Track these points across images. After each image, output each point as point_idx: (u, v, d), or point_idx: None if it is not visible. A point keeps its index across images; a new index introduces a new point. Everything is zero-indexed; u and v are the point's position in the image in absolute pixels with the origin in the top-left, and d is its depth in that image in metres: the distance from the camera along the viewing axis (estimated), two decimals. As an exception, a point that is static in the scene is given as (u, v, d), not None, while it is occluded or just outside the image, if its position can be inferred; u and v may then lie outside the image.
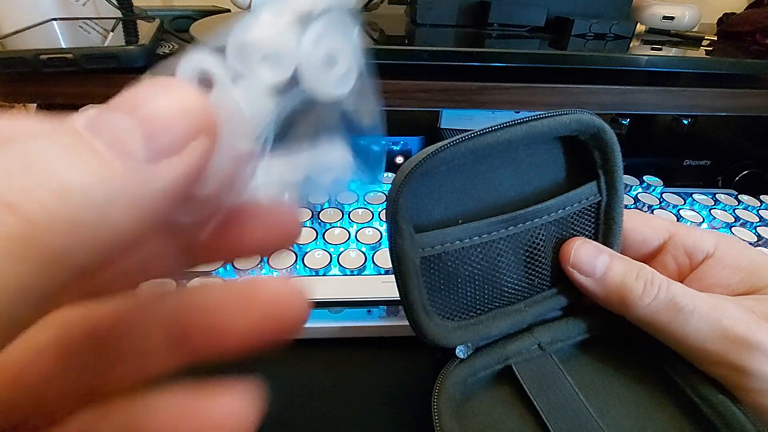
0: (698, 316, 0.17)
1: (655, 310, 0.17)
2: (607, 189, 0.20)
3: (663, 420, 0.18)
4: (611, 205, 0.20)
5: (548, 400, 0.18)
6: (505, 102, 0.34)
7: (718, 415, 0.16)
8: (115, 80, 0.31)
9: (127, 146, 0.08)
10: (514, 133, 0.17)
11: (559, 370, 0.19)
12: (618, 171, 0.20)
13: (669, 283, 0.18)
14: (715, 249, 0.19)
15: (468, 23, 0.43)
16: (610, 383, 0.19)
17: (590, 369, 0.20)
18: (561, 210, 0.20)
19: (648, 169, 0.48)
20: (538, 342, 0.20)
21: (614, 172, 0.20)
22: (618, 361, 0.20)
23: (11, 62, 0.28)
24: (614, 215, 0.20)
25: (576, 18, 0.40)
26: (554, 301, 0.20)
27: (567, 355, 0.20)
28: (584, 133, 0.19)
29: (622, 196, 0.20)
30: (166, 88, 0.08)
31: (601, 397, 0.18)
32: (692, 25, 0.50)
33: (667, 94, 0.35)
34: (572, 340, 0.20)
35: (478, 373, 0.19)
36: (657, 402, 0.18)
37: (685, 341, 0.17)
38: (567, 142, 0.20)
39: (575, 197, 0.20)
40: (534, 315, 0.20)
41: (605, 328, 0.20)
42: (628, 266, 0.19)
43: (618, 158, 0.20)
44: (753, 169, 0.51)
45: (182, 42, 0.38)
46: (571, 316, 0.21)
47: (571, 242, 0.20)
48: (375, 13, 0.50)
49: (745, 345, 0.16)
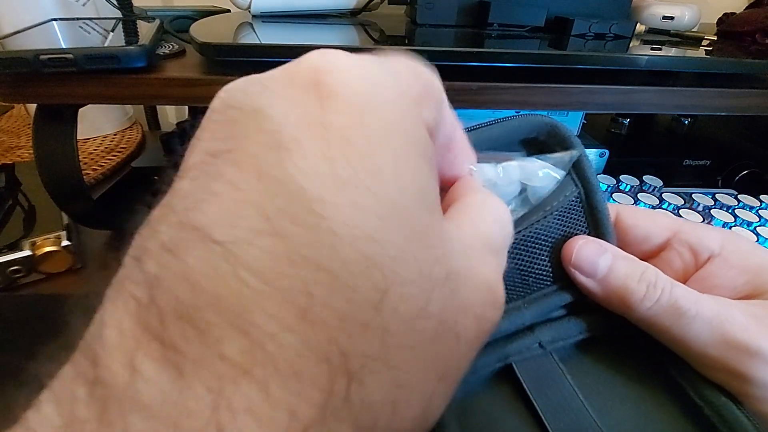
0: (700, 321, 0.16)
1: (657, 313, 0.17)
2: (580, 180, 0.20)
3: (664, 421, 0.17)
4: (589, 195, 0.20)
5: (547, 400, 0.18)
6: (505, 102, 0.34)
7: (721, 418, 0.16)
8: (115, 80, 0.31)
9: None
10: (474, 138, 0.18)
11: (559, 370, 0.19)
12: (583, 160, 0.20)
13: (672, 286, 0.17)
14: (721, 248, 0.19)
15: (468, 23, 0.43)
16: (611, 383, 0.19)
17: (591, 369, 0.19)
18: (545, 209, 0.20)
19: (648, 169, 0.49)
20: (539, 341, 0.20)
21: (580, 161, 0.20)
22: (619, 362, 0.20)
23: (11, 62, 0.28)
24: (595, 204, 0.20)
25: (576, 18, 0.40)
26: (555, 299, 0.20)
27: (568, 354, 0.20)
28: (540, 132, 0.20)
29: (597, 184, 0.20)
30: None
31: (601, 397, 0.18)
32: (692, 25, 0.50)
33: (667, 94, 0.35)
34: (573, 339, 0.20)
35: (478, 372, 0.19)
36: (658, 403, 0.18)
37: (686, 345, 0.17)
38: (530, 145, 0.21)
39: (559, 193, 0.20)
40: (534, 313, 0.20)
41: (607, 328, 0.20)
42: (632, 268, 0.18)
43: (580, 148, 0.20)
44: (753, 169, 0.51)
45: (182, 42, 0.38)
46: (572, 315, 0.21)
47: (573, 242, 0.19)
48: (375, 13, 0.50)
49: (747, 351, 0.16)
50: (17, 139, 0.58)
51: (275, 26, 0.41)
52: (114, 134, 0.59)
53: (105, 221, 0.42)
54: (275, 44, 0.32)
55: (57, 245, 0.37)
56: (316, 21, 0.44)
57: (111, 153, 0.54)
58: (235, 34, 0.37)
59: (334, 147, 0.09)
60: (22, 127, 0.61)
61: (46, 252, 0.36)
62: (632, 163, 0.50)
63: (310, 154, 0.09)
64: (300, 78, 0.10)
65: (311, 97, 0.10)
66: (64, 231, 0.38)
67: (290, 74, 0.11)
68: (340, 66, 0.10)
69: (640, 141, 0.58)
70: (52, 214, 0.40)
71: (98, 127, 0.58)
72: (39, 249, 0.36)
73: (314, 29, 0.42)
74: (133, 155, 0.55)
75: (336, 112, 0.10)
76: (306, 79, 0.10)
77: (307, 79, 0.10)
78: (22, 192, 0.44)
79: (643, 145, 0.57)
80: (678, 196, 0.44)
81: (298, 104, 0.10)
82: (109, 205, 0.45)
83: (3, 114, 0.64)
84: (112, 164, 0.52)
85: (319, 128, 0.09)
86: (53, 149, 0.34)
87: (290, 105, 0.10)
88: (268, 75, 0.11)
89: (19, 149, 0.55)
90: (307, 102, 0.10)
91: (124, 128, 0.61)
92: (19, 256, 0.35)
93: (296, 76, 0.10)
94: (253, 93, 0.10)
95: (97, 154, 0.54)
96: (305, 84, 0.10)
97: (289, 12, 0.44)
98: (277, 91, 0.10)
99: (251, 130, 0.09)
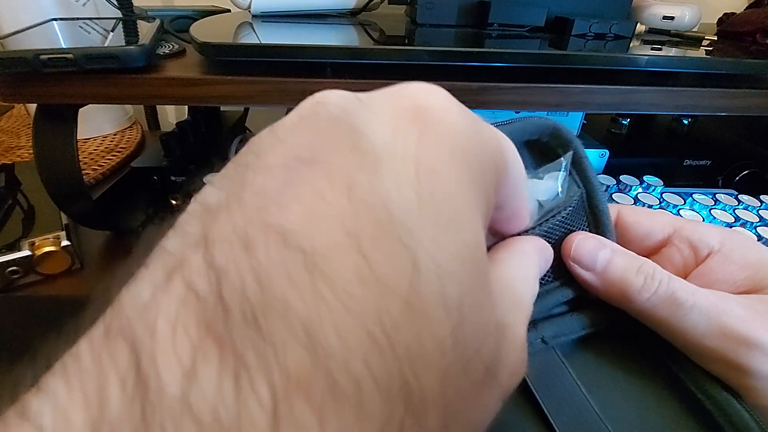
0: (698, 312, 0.16)
1: (655, 304, 0.17)
2: (582, 181, 0.21)
3: (666, 416, 0.17)
4: (591, 195, 0.21)
5: (550, 394, 0.18)
6: (505, 102, 0.34)
7: (722, 411, 0.16)
8: (115, 80, 0.31)
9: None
10: None
11: (561, 364, 0.19)
12: (585, 161, 0.21)
13: (670, 279, 0.18)
14: (721, 245, 0.19)
15: (468, 23, 0.43)
16: (613, 378, 0.19)
17: (593, 363, 0.20)
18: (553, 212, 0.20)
19: (648, 169, 0.49)
20: (541, 336, 0.20)
21: (581, 162, 0.20)
22: (621, 357, 0.20)
23: (11, 62, 0.28)
24: (596, 203, 0.21)
25: (576, 18, 0.40)
26: (557, 295, 0.21)
27: (570, 349, 0.20)
28: (543, 134, 0.20)
29: (598, 184, 0.21)
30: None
31: (603, 391, 0.18)
32: (692, 25, 0.50)
33: (667, 94, 0.35)
34: (575, 335, 0.20)
35: None
36: (660, 397, 0.18)
37: (684, 337, 0.17)
38: (533, 147, 0.21)
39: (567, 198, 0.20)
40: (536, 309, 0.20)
41: (609, 324, 0.20)
42: (630, 261, 0.18)
43: (581, 149, 0.20)
44: (753, 169, 0.51)
45: (182, 42, 0.38)
46: (574, 311, 0.21)
47: (572, 236, 0.20)
48: (375, 13, 0.50)
49: (745, 343, 0.16)
50: (17, 139, 0.58)
51: (275, 26, 0.41)
52: (114, 134, 0.59)
53: (104, 221, 0.42)
54: (275, 44, 0.32)
55: (56, 245, 0.37)
56: (316, 21, 0.44)
57: (111, 153, 0.54)
58: (235, 34, 0.37)
59: (424, 183, 0.09)
60: (22, 127, 0.61)
61: (45, 252, 0.36)
62: (632, 163, 0.50)
63: (403, 186, 0.09)
64: (402, 107, 0.10)
65: (411, 129, 0.10)
66: (63, 231, 0.38)
67: (392, 100, 0.11)
68: (442, 106, 0.11)
69: (640, 141, 0.58)
70: (51, 214, 0.40)
71: (98, 127, 0.58)
72: (38, 249, 0.36)
73: (314, 29, 0.42)
74: (133, 155, 0.55)
75: (433, 150, 0.10)
76: (408, 110, 0.10)
77: (409, 110, 0.10)
78: (21, 192, 0.44)
79: (643, 145, 0.57)
80: (678, 196, 0.44)
81: (399, 134, 0.10)
82: (109, 205, 0.45)
83: (3, 114, 0.64)
84: (111, 164, 0.52)
85: (414, 162, 0.09)
86: (53, 149, 0.34)
87: (390, 132, 0.10)
88: (368, 96, 0.11)
89: (19, 149, 0.55)
90: (407, 133, 0.10)
91: (123, 128, 0.61)
92: (18, 257, 0.35)
93: (398, 105, 0.11)
94: (351, 110, 0.10)
95: (97, 154, 0.54)
96: (407, 114, 0.10)
97: (289, 12, 0.44)
98: (378, 115, 0.10)
99: (344, 147, 0.09)
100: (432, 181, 0.09)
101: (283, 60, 0.32)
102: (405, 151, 0.10)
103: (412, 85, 0.11)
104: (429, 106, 0.11)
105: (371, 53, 0.32)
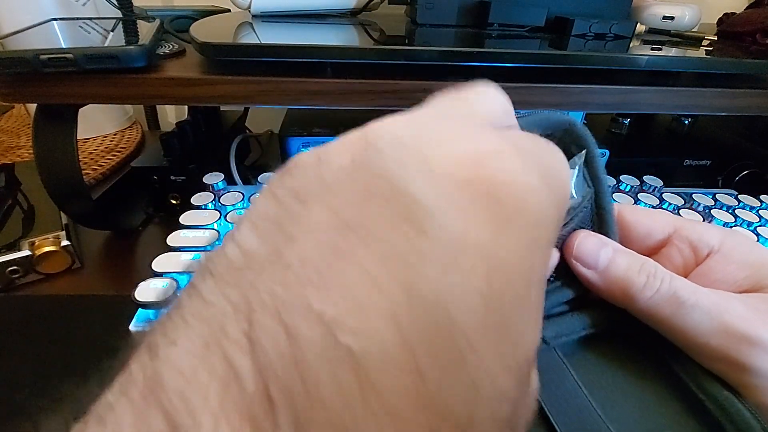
0: (700, 311, 0.16)
1: (657, 303, 0.17)
2: (591, 179, 0.21)
3: (667, 415, 0.17)
4: (599, 194, 0.21)
5: (552, 394, 0.18)
6: (505, 102, 0.34)
7: (723, 411, 0.16)
8: (115, 80, 0.31)
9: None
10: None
11: (562, 365, 0.19)
12: (597, 160, 0.20)
13: (672, 278, 0.18)
14: (721, 244, 0.19)
15: (468, 23, 0.43)
16: (615, 378, 0.19)
17: (594, 364, 0.20)
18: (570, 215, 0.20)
19: (648, 169, 0.49)
20: (542, 336, 0.20)
21: (593, 161, 0.20)
22: (622, 357, 0.20)
23: (11, 62, 0.28)
24: (603, 204, 0.21)
25: (576, 18, 0.40)
26: (558, 295, 0.21)
27: (571, 349, 0.20)
28: (557, 130, 0.20)
29: (606, 183, 0.21)
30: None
31: (604, 391, 0.18)
32: (692, 25, 0.50)
33: (667, 94, 0.35)
34: (576, 335, 0.20)
35: None
36: (661, 397, 0.18)
37: (686, 335, 0.17)
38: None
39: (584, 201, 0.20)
40: None
41: (610, 324, 0.20)
42: (632, 259, 0.18)
43: (594, 148, 0.20)
44: (753, 169, 0.51)
45: (182, 42, 0.38)
46: (575, 312, 0.21)
47: (575, 235, 0.20)
48: (375, 13, 0.50)
49: (747, 341, 0.16)
50: (17, 139, 0.58)
51: (275, 26, 0.41)
52: (114, 134, 0.59)
53: (104, 221, 0.42)
54: (275, 44, 0.32)
55: (56, 245, 0.37)
56: (316, 21, 0.44)
57: (111, 153, 0.54)
58: (235, 34, 0.37)
59: (494, 287, 0.08)
60: (22, 127, 0.61)
61: (45, 252, 0.36)
62: (632, 163, 0.50)
63: (470, 287, 0.08)
64: (468, 177, 0.09)
65: (483, 215, 0.08)
66: (63, 231, 0.38)
67: (463, 175, 0.09)
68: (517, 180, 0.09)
69: (640, 141, 0.58)
70: (51, 214, 0.40)
71: (98, 127, 0.58)
72: (38, 249, 0.36)
73: (314, 29, 0.42)
74: (133, 155, 0.56)
75: (512, 245, 0.08)
76: (476, 183, 0.09)
77: (477, 183, 0.09)
78: (21, 192, 0.44)
79: (643, 145, 0.57)
80: (678, 196, 0.44)
81: (469, 218, 0.08)
82: (109, 205, 0.45)
83: (3, 114, 0.64)
84: (111, 164, 0.52)
85: (486, 259, 0.08)
86: (53, 149, 0.34)
87: (454, 211, 0.08)
88: (429, 155, 0.09)
89: (19, 149, 0.55)
90: (479, 220, 0.08)
91: (123, 128, 0.61)
92: (18, 256, 0.35)
93: (463, 172, 0.09)
94: (408, 164, 0.09)
95: (97, 154, 0.54)
96: (476, 191, 0.08)
97: (289, 12, 0.44)
98: (441, 187, 0.08)
99: (397, 216, 0.08)
100: (503, 284, 0.08)
101: (283, 60, 0.32)
102: (477, 241, 0.08)
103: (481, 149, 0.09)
104: (501, 181, 0.09)
105: (371, 53, 0.32)
